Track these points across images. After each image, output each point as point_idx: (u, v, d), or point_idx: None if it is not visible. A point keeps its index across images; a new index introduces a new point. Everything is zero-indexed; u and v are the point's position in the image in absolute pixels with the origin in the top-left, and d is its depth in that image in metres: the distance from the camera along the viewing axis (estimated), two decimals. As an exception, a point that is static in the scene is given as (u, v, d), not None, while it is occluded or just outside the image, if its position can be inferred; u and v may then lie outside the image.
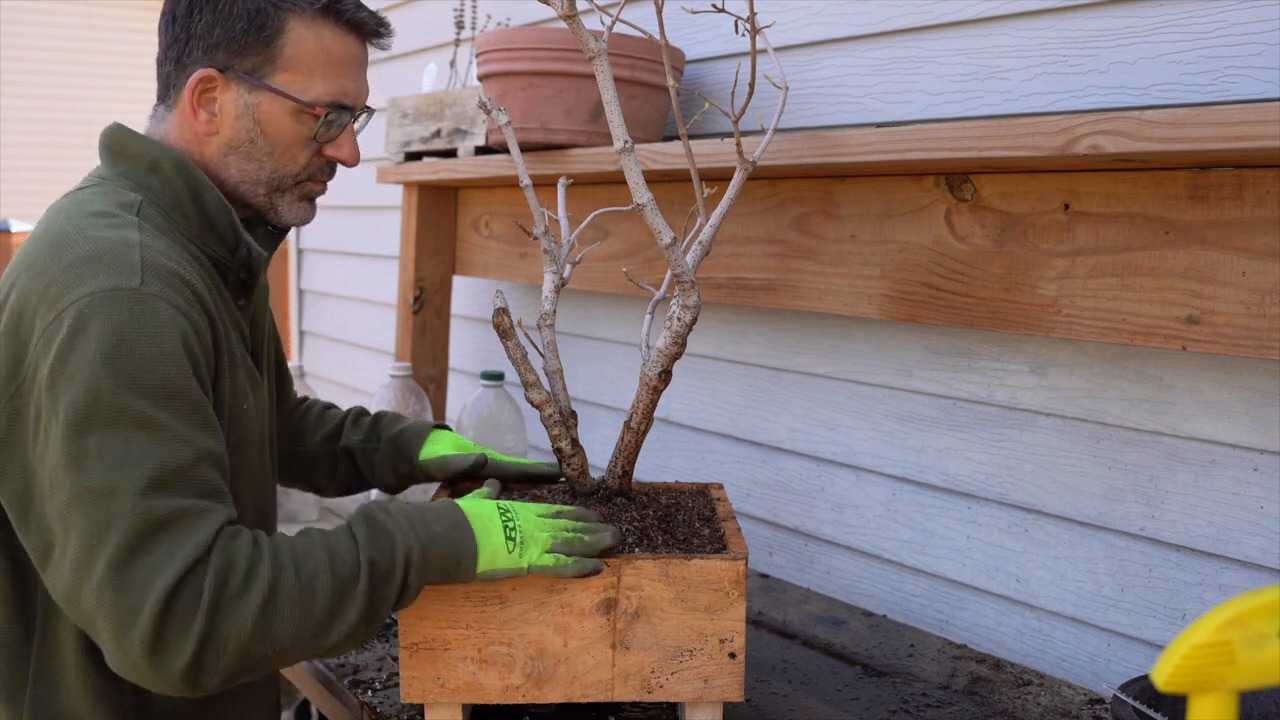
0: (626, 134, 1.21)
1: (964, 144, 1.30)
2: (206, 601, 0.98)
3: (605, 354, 2.32)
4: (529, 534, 1.15)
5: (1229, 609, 0.68)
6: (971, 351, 1.65)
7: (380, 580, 1.06)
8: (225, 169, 1.23)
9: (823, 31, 1.80)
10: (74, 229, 1.08)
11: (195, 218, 1.19)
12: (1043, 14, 1.51)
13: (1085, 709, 1.38)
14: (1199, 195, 1.26)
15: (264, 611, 1.00)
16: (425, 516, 1.12)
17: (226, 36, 1.18)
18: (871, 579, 1.82)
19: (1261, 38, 1.30)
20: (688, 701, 1.21)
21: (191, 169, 1.18)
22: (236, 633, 0.99)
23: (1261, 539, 1.35)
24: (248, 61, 1.19)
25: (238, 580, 1.00)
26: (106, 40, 8.87)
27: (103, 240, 1.06)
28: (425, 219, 2.48)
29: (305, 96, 1.21)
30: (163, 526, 0.98)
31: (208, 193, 1.19)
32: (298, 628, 1.02)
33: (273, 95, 1.20)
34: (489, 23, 2.47)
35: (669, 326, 1.28)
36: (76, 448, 0.98)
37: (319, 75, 1.22)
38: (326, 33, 1.22)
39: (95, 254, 1.05)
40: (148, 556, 0.97)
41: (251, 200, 1.25)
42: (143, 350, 1.01)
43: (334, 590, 1.04)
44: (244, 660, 1.00)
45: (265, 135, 1.22)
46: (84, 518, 0.98)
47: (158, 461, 0.99)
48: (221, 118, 1.21)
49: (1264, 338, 1.21)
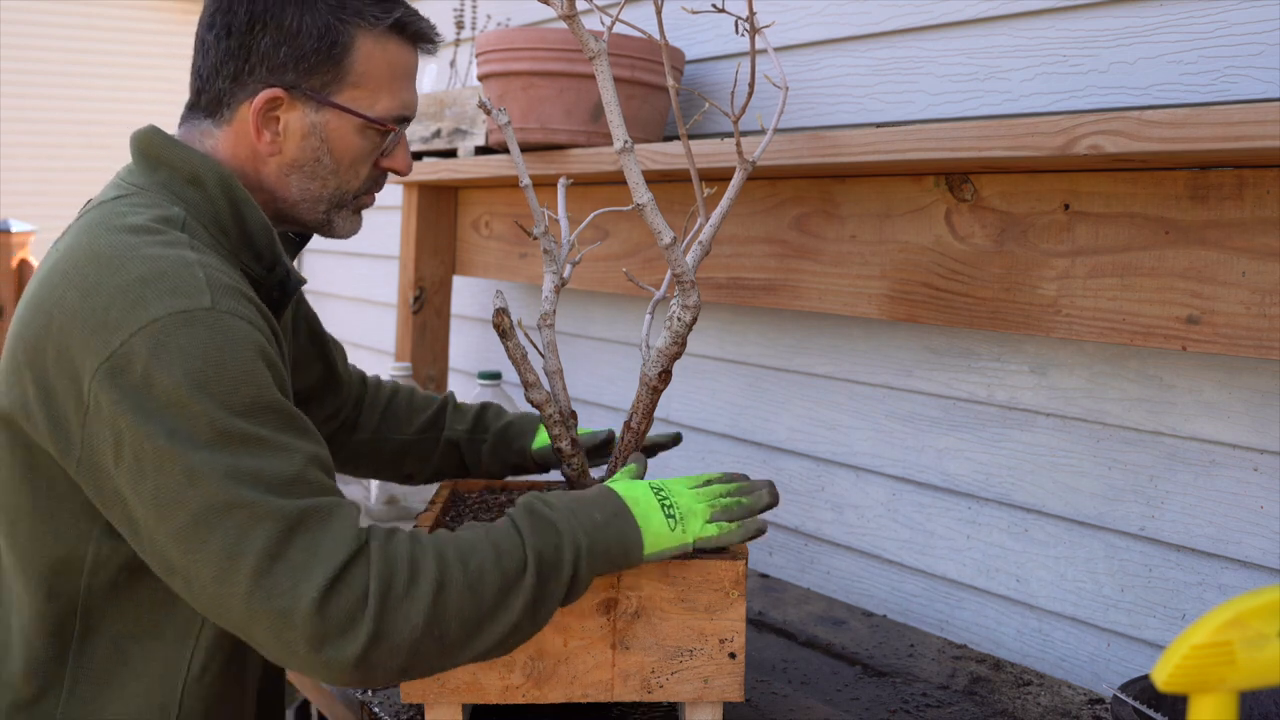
0: (626, 134, 1.21)
1: (964, 144, 1.30)
2: (375, 597, 0.96)
3: (605, 354, 2.32)
4: (687, 509, 1.14)
5: (1229, 609, 0.68)
6: (971, 351, 1.65)
7: (547, 573, 1.05)
8: (285, 188, 1.20)
9: (823, 31, 1.80)
10: (123, 246, 1.03)
11: (235, 234, 1.15)
12: (1043, 14, 1.51)
13: (1085, 709, 1.38)
14: (1199, 195, 1.26)
15: (434, 607, 0.99)
16: (586, 506, 1.10)
17: (294, 56, 1.15)
18: (871, 579, 1.82)
19: (1261, 38, 1.30)
20: (688, 701, 1.21)
21: (234, 185, 1.14)
22: (408, 629, 0.98)
23: (1261, 539, 1.35)
24: (316, 80, 1.16)
25: (403, 578, 0.98)
26: (106, 40, 8.87)
27: (160, 260, 1.02)
28: (425, 219, 2.48)
29: (373, 113, 1.19)
30: (296, 528, 0.96)
31: (249, 211, 1.15)
32: (466, 622, 1.01)
33: (340, 113, 1.18)
34: (489, 23, 2.47)
35: (669, 326, 1.28)
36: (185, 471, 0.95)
37: (385, 90, 1.20)
38: (393, 46, 1.20)
39: (156, 274, 1.00)
40: (287, 560, 0.95)
41: (309, 218, 1.23)
42: (229, 370, 0.98)
43: (501, 584, 1.02)
44: (416, 656, 0.99)
45: (331, 153, 1.19)
46: (211, 534, 0.95)
47: (271, 472, 0.97)
48: (286, 137, 1.17)
49: (1264, 338, 1.21)
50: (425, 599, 0.98)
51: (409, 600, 0.98)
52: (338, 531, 0.98)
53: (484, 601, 1.02)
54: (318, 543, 0.96)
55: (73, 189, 8.43)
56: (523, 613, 1.04)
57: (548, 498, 1.11)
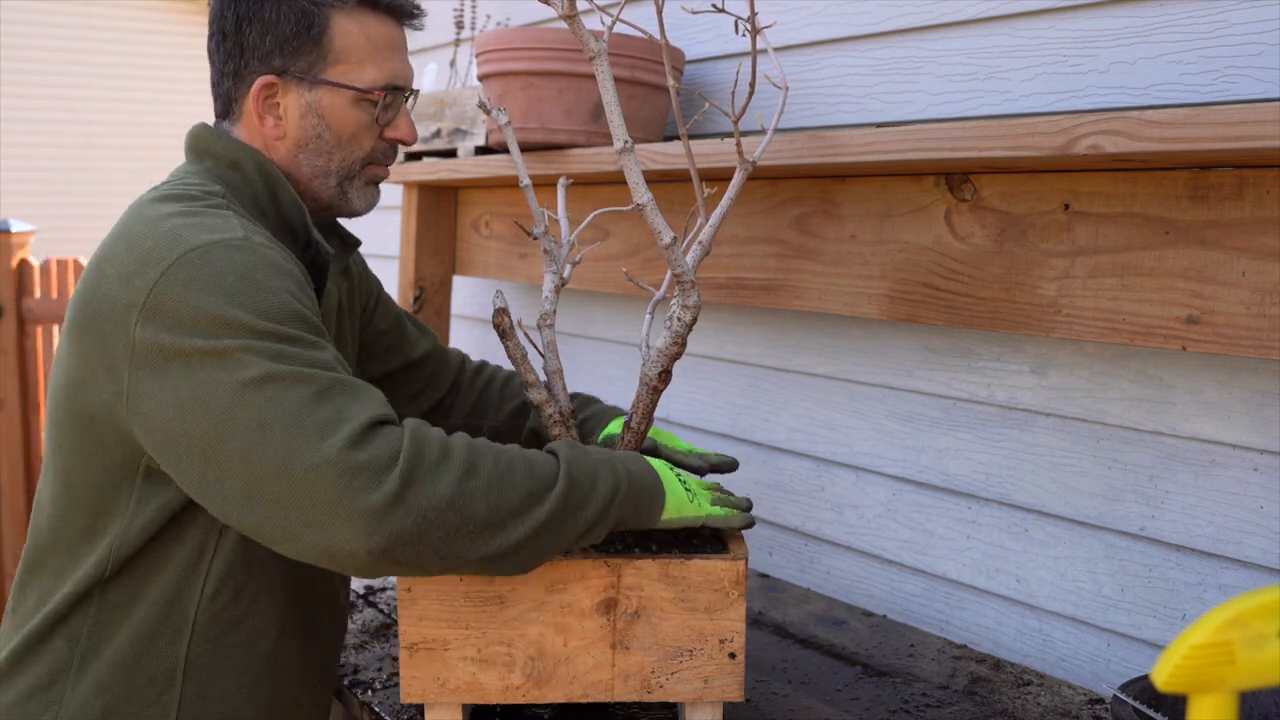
0: (626, 134, 1.21)
1: (964, 144, 1.30)
2: (408, 452, 1.01)
3: (605, 354, 2.32)
4: (697, 490, 1.24)
5: (1229, 609, 0.68)
6: (971, 351, 1.65)
7: (577, 495, 1.10)
8: (297, 168, 1.29)
9: (823, 31, 1.80)
10: (167, 209, 1.14)
11: (272, 214, 1.25)
12: (1043, 14, 1.51)
13: (1085, 709, 1.38)
14: (1199, 195, 1.26)
15: (461, 485, 1.02)
16: (622, 456, 1.19)
17: (278, 42, 1.25)
18: (871, 579, 1.82)
19: (1261, 38, 1.30)
20: (688, 701, 1.21)
21: (270, 168, 1.25)
22: (432, 498, 1.01)
23: (1261, 539, 1.35)
24: (302, 62, 1.26)
25: (435, 453, 1.03)
26: (106, 40, 8.87)
27: (200, 214, 1.13)
28: (425, 219, 2.48)
29: (361, 83, 1.28)
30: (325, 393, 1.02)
31: (283, 191, 1.26)
32: (491, 510, 1.04)
33: (331, 88, 1.27)
34: (489, 23, 2.47)
35: (669, 326, 1.28)
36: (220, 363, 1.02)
37: (369, 62, 1.28)
38: (369, 21, 1.28)
39: (195, 223, 1.11)
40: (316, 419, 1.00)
41: (324, 194, 1.31)
42: (260, 284, 1.06)
43: (530, 488, 1.07)
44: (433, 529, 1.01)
45: (331, 128, 1.28)
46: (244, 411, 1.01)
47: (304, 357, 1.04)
48: (287, 120, 1.27)
49: (1264, 338, 1.21)
50: (453, 475, 1.03)
51: (438, 472, 1.02)
52: (367, 399, 1.03)
53: (510, 496, 1.06)
54: (347, 405, 1.02)
55: (73, 189, 8.43)
56: (546, 522, 1.07)
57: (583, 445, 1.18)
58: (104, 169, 8.48)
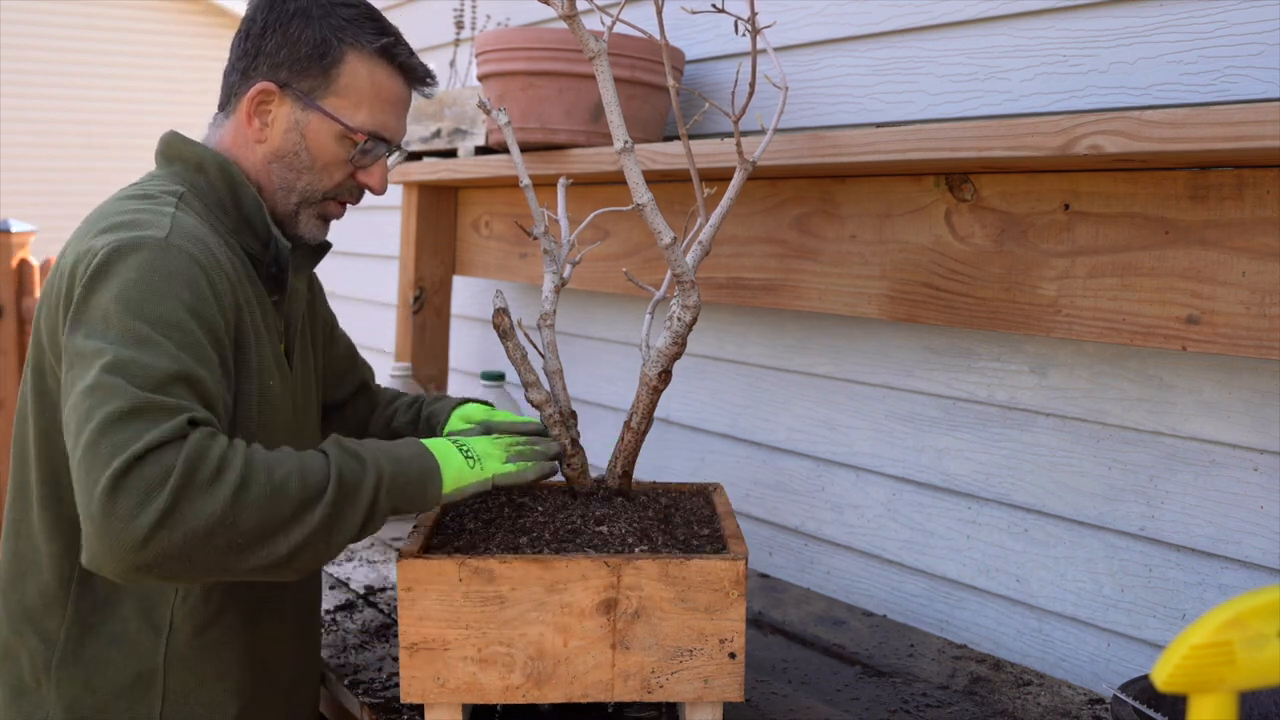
0: (626, 134, 1.21)
1: (964, 144, 1.30)
2: (175, 479, 1.03)
3: (605, 354, 2.32)
4: (484, 452, 1.25)
5: (1229, 609, 0.68)
6: (971, 351, 1.65)
7: (348, 492, 1.12)
8: (267, 175, 1.34)
9: (823, 31, 1.80)
10: (117, 206, 1.22)
11: (234, 213, 1.30)
12: (1043, 14, 1.51)
13: (1085, 709, 1.38)
14: (1199, 195, 1.26)
15: (233, 501, 1.05)
16: (391, 445, 1.21)
17: (291, 58, 1.30)
18: (871, 579, 1.82)
19: (1261, 38, 1.30)
20: (688, 701, 1.21)
21: (232, 170, 1.30)
22: (201, 516, 1.04)
23: (1261, 539, 1.35)
24: (306, 83, 1.31)
25: (209, 468, 1.05)
26: (106, 40, 8.87)
27: (138, 211, 1.20)
28: (425, 219, 2.48)
29: (350, 122, 1.32)
30: (137, 413, 1.05)
31: (244, 191, 1.30)
32: (263, 523, 1.07)
33: (322, 116, 1.32)
34: (489, 23, 2.47)
35: (669, 326, 1.28)
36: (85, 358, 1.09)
37: (366, 106, 1.33)
38: (380, 71, 1.34)
39: (128, 221, 1.18)
40: (119, 434, 1.04)
41: (281, 208, 1.35)
42: (155, 286, 1.12)
43: (302, 494, 1.09)
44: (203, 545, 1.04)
45: (309, 150, 1.33)
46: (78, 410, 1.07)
47: (143, 365, 1.08)
48: (272, 128, 1.32)
49: (1264, 338, 1.21)
50: (226, 492, 1.05)
51: (210, 489, 1.05)
52: (171, 425, 1.06)
53: (283, 508, 1.08)
54: (150, 427, 1.05)
55: (73, 189, 8.43)
56: (319, 528, 1.10)
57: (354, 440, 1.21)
58: (104, 169, 8.49)
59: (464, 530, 1.30)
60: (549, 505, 1.35)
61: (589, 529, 1.27)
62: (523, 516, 1.32)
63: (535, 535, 1.26)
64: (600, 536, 1.25)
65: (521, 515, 1.32)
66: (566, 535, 1.25)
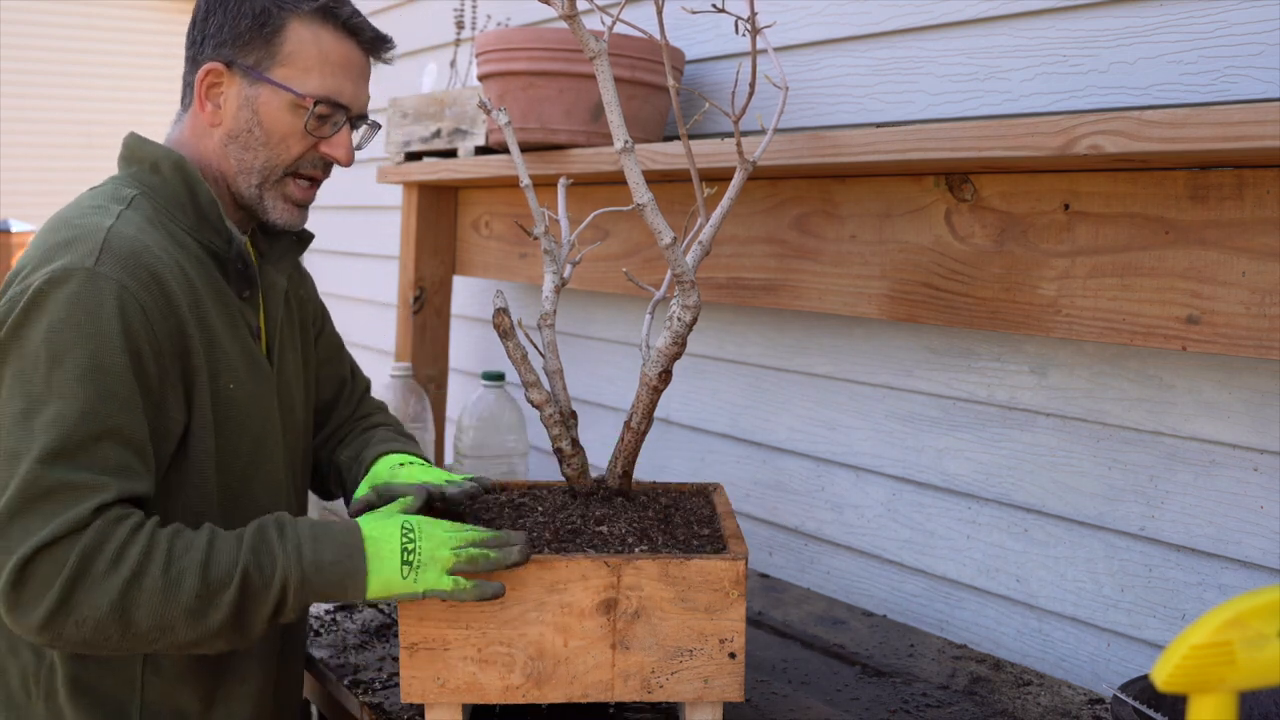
0: (626, 134, 1.21)
1: (964, 144, 1.30)
2: (68, 572, 1.06)
3: (605, 354, 2.32)
4: (429, 556, 1.15)
5: (1229, 609, 0.68)
6: (971, 351, 1.65)
7: (253, 594, 1.12)
8: (225, 159, 1.32)
9: (823, 31, 1.80)
10: (65, 217, 1.22)
11: (192, 212, 1.28)
12: (1043, 14, 1.51)
13: (1085, 709, 1.38)
14: (1199, 195, 1.26)
15: (124, 595, 1.07)
16: (318, 542, 1.15)
17: (233, 34, 1.29)
18: (871, 579, 1.82)
19: (1261, 38, 1.30)
20: (688, 701, 1.21)
21: (186, 167, 1.29)
22: (93, 609, 1.07)
23: (1261, 539, 1.35)
24: (251, 56, 1.29)
25: (104, 561, 1.07)
26: (106, 40, 8.86)
27: (79, 226, 1.19)
28: (425, 219, 2.48)
29: (300, 89, 1.30)
30: (45, 497, 1.07)
31: (199, 187, 1.28)
32: (158, 616, 1.08)
33: (271, 88, 1.30)
34: (489, 23, 2.47)
35: (669, 326, 1.28)
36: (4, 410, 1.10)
37: (315, 72, 1.31)
38: (325, 34, 1.31)
39: (68, 240, 1.17)
40: (24, 520, 1.07)
41: (244, 192, 1.34)
42: (79, 326, 1.11)
43: (199, 591, 1.09)
44: (100, 634, 1.08)
45: (262, 125, 1.31)
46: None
47: (61, 433, 1.08)
48: (224, 109, 1.31)
49: (1264, 338, 1.21)
50: (116, 588, 1.07)
51: (101, 584, 1.07)
52: (77, 509, 1.07)
53: (178, 603, 1.09)
54: (55, 514, 1.07)
55: (73, 189, 8.42)
56: (224, 623, 1.11)
57: (287, 525, 1.16)
58: (104, 169, 8.46)
59: (464, 530, 1.30)
60: (549, 505, 1.35)
61: (589, 529, 1.27)
62: (523, 516, 1.32)
63: (535, 535, 1.26)
64: (600, 536, 1.25)
65: (522, 515, 1.32)
66: (566, 535, 1.25)
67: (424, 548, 1.15)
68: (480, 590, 1.15)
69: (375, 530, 1.16)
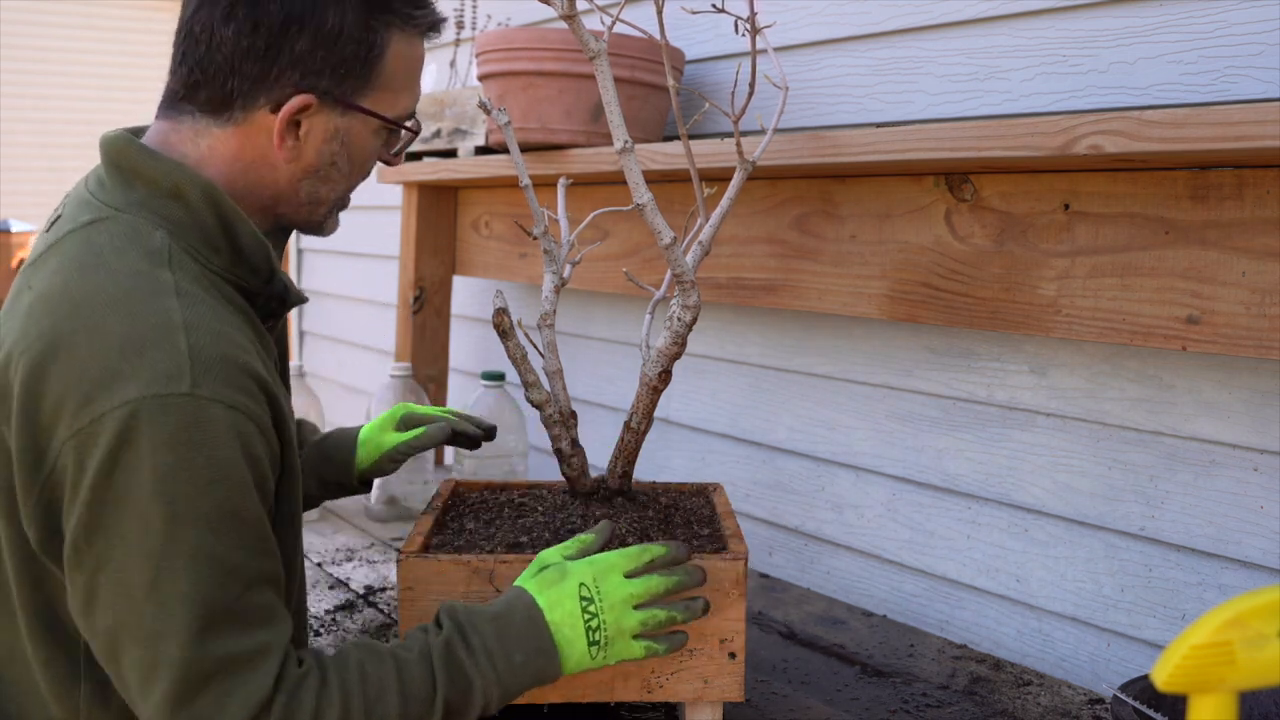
0: (626, 134, 1.21)
1: (964, 144, 1.30)
2: None
3: (605, 354, 2.32)
4: (615, 630, 1.07)
5: (1229, 609, 0.68)
6: (971, 351, 1.65)
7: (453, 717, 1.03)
8: (294, 193, 1.12)
9: (823, 31, 1.80)
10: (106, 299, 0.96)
11: (227, 251, 1.06)
12: (1043, 14, 1.51)
13: (1085, 709, 1.38)
14: (1199, 195, 1.26)
15: None
16: (507, 646, 1.04)
17: (332, 61, 1.06)
18: (871, 579, 1.82)
19: (1261, 38, 1.30)
20: (688, 701, 1.21)
21: (221, 200, 1.05)
22: None
23: (1261, 539, 1.35)
24: (348, 84, 1.08)
25: None
26: (106, 40, 8.86)
27: (141, 319, 0.95)
28: (425, 219, 2.48)
29: (393, 114, 1.13)
30: (210, 678, 0.92)
31: (241, 226, 1.06)
32: None
33: (364, 116, 1.10)
34: (489, 23, 2.47)
35: (669, 326, 1.28)
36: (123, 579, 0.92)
37: (405, 90, 1.13)
38: (415, 44, 1.13)
39: (136, 345, 0.93)
40: (193, 708, 0.92)
41: (304, 219, 1.16)
42: (197, 470, 0.92)
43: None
44: None
45: (350, 157, 1.13)
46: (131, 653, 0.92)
47: (207, 599, 0.92)
48: (306, 143, 1.09)
49: (1264, 338, 1.21)
50: None
51: None
52: (249, 687, 0.93)
53: None
54: (226, 697, 0.92)
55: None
56: None
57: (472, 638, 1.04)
58: (104, 169, 8.47)
59: (464, 530, 1.30)
60: (549, 505, 1.35)
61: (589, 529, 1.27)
62: (523, 516, 1.32)
63: (535, 535, 1.26)
64: (600, 536, 1.25)
65: (522, 515, 1.32)
66: (567, 535, 1.25)
67: (608, 621, 1.06)
68: (674, 644, 1.11)
69: (555, 611, 1.06)
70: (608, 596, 1.07)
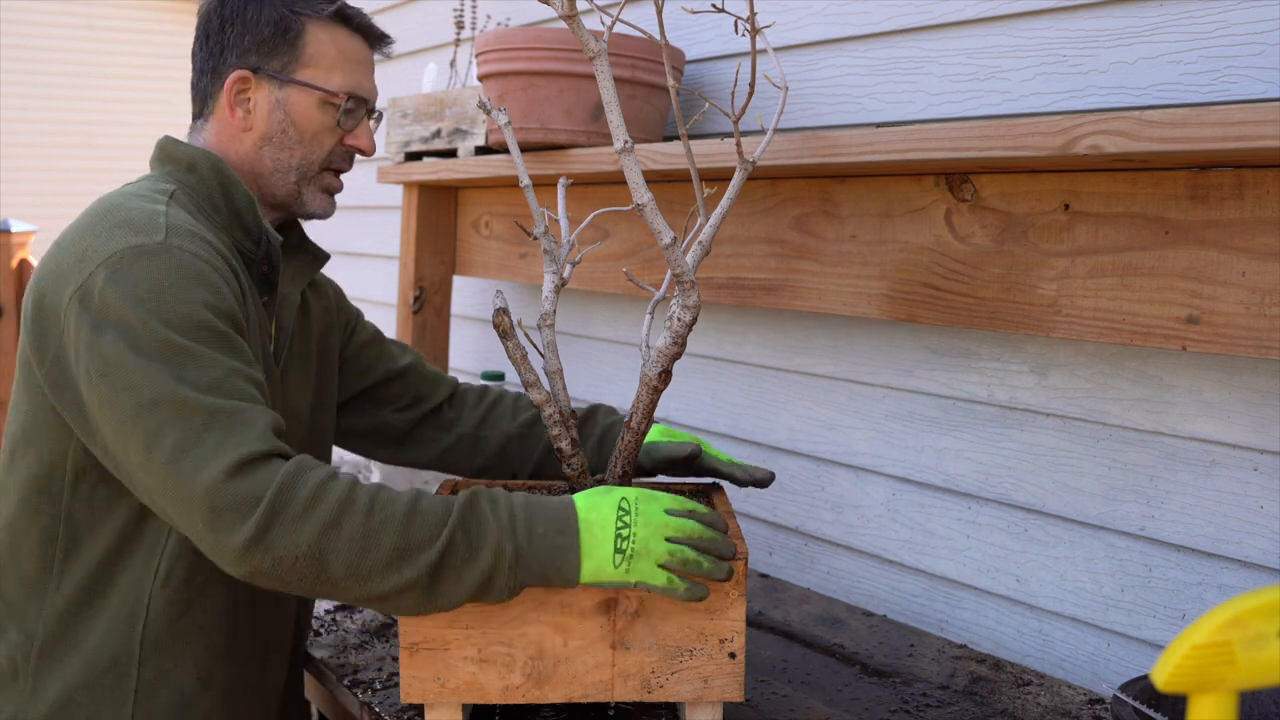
0: (626, 134, 1.21)
1: (964, 144, 1.30)
2: (265, 506, 1.06)
3: (605, 354, 2.32)
4: (643, 546, 1.11)
5: (1229, 609, 0.68)
6: (971, 351, 1.65)
7: (456, 562, 1.09)
8: (260, 161, 1.38)
9: (823, 31, 1.80)
10: (110, 205, 1.23)
11: (225, 211, 1.33)
12: (1043, 14, 1.51)
13: (1085, 709, 1.38)
14: (1199, 195, 1.26)
15: (320, 540, 1.07)
16: (532, 515, 1.12)
17: (256, 42, 1.35)
18: (871, 579, 1.82)
19: (1261, 38, 1.30)
20: (688, 701, 1.21)
21: (223, 167, 1.33)
22: (291, 547, 1.06)
23: (1261, 539, 1.35)
24: (276, 61, 1.36)
25: (301, 501, 1.07)
26: (106, 40, 8.86)
27: (133, 210, 1.21)
28: (425, 219, 2.48)
29: (328, 86, 1.38)
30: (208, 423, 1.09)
31: (235, 188, 1.33)
32: (351, 566, 1.08)
33: (300, 88, 1.37)
34: (489, 23, 2.47)
35: (669, 326, 1.28)
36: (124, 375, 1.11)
37: (338, 70, 1.39)
38: (340, 34, 1.40)
39: (125, 220, 1.19)
40: (198, 448, 1.08)
41: (281, 189, 1.40)
42: (168, 292, 1.14)
43: (398, 546, 1.08)
44: (294, 573, 1.08)
45: (295, 125, 1.38)
46: (136, 428, 1.10)
47: (193, 376, 1.11)
48: (255, 114, 1.37)
49: (1264, 338, 1.21)
50: (313, 529, 1.07)
51: (299, 523, 1.07)
52: (246, 429, 1.10)
53: (373, 555, 1.08)
54: (226, 436, 1.08)
55: (73, 189, 8.43)
56: (412, 581, 1.09)
57: (499, 496, 1.14)
58: (104, 169, 8.48)
59: (464, 530, 1.30)
60: (549, 505, 1.35)
61: (589, 529, 1.27)
62: (523, 516, 1.32)
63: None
64: (600, 536, 1.25)
65: (521, 515, 1.32)
66: (566, 535, 1.25)
67: (639, 535, 1.11)
68: (691, 592, 1.13)
69: (589, 510, 1.13)
70: (644, 515, 1.13)
